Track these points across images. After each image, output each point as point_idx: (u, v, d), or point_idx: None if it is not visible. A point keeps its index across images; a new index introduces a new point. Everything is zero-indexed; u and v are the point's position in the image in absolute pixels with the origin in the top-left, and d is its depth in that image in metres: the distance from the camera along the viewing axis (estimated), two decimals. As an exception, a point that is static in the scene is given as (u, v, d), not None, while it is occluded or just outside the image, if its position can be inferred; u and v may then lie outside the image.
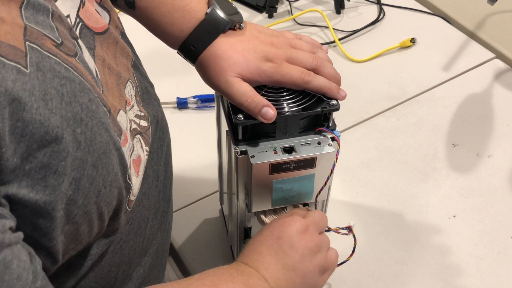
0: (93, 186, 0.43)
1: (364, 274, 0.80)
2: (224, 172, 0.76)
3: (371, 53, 1.11)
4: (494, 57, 1.10)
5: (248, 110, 0.58)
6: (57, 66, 0.40)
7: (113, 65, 0.54)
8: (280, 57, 0.60)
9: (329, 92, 0.61)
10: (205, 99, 1.02)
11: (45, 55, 0.39)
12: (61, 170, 0.39)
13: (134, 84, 0.59)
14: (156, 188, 0.62)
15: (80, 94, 0.42)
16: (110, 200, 0.47)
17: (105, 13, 0.56)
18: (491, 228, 0.84)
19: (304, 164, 0.61)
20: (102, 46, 0.53)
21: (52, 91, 0.39)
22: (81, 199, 0.42)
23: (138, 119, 0.58)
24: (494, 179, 0.90)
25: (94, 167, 0.43)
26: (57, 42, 0.42)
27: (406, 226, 0.85)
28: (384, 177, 0.91)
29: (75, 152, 0.40)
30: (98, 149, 0.43)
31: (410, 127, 0.99)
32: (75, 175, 0.41)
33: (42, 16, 0.42)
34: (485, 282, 0.78)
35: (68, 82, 0.41)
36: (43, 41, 0.40)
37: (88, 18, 0.52)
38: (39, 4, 0.42)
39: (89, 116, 0.42)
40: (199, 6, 0.60)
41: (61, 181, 0.39)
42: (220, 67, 0.58)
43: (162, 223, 0.66)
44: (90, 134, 0.42)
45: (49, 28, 0.42)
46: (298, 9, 1.20)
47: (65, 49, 0.43)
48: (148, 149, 0.58)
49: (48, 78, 0.39)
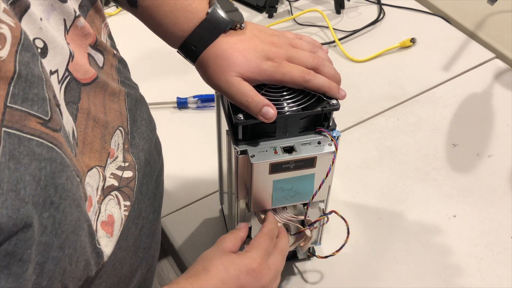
0: (58, 267, 0.42)
1: (364, 274, 0.80)
2: (224, 172, 0.76)
3: (371, 53, 1.11)
4: (494, 57, 1.10)
5: (249, 110, 0.58)
6: (38, 148, 0.38)
7: (100, 116, 0.53)
8: (281, 56, 0.60)
9: (329, 91, 0.61)
10: (205, 99, 1.02)
11: (24, 139, 0.38)
12: (26, 258, 0.38)
13: (124, 131, 0.57)
14: (136, 226, 0.59)
15: (59, 174, 0.40)
16: (75, 275, 0.45)
17: (99, 55, 0.55)
18: (491, 228, 0.84)
19: (304, 163, 0.61)
20: (89, 96, 0.52)
21: (26, 177, 0.37)
22: (45, 281, 0.41)
23: (121, 171, 0.56)
24: (494, 179, 0.90)
25: (61, 249, 0.41)
26: (45, 118, 0.40)
27: (406, 226, 0.85)
28: (384, 177, 0.91)
29: (40, 237, 0.39)
30: (66, 230, 0.42)
31: (410, 127, 0.99)
32: (39, 260, 0.39)
33: (36, 89, 0.39)
34: (485, 282, 0.78)
35: (48, 164, 0.39)
36: (26, 122, 0.38)
37: (77, 71, 0.50)
38: (33, 76, 0.39)
39: (63, 197, 0.41)
40: (201, 6, 0.59)
41: (25, 269, 0.38)
42: (220, 67, 0.58)
43: (144, 259, 0.63)
44: (60, 217, 0.40)
45: (40, 102, 0.40)
46: (298, 9, 1.20)
47: (52, 125, 0.41)
48: (128, 204, 0.56)
49: (23, 164, 0.37)
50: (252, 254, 0.60)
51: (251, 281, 0.58)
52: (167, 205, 0.88)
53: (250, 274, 0.58)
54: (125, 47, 0.65)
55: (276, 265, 0.62)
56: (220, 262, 0.58)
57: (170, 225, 0.86)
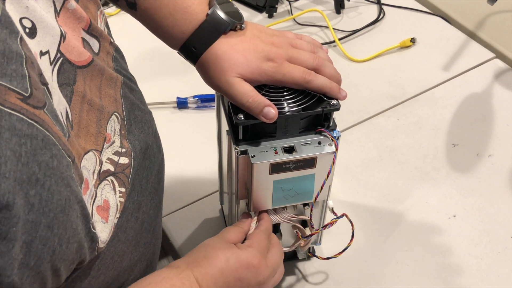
0: (47, 247, 0.41)
1: (364, 274, 0.80)
2: (224, 172, 0.76)
3: (371, 53, 1.11)
4: (494, 57, 1.10)
5: (250, 110, 0.58)
6: (18, 123, 0.38)
7: (95, 100, 0.53)
8: (281, 57, 0.60)
9: (330, 91, 0.61)
10: (205, 99, 1.02)
11: (5, 113, 0.37)
12: (12, 236, 0.37)
13: (120, 117, 0.57)
14: (136, 220, 0.59)
15: (41, 151, 0.40)
16: (67, 257, 0.45)
17: (94, 41, 0.55)
18: (491, 228, 0.84)
19: (305, 164, 0.61)
20: (85, 79, 0.52)
21: (7, 152, 0.37)
22: (33, 261, 0.40)
23: (118, 156, 0.56)
24: (494, 179, 0.90)
25: (49, 228, 0.41)
26: (24, 94, 0.40)
27: (406, 226, 0.85)
28: (384, 177, 0.91)
29: (27, 215, 0.38)
30: (54, 208, 0.41)
31: (410, 127, 0.99)
32: (26, 238, 0.39)
33: (14, 65, 0.39)
34: (485, 282, 0.78)
35: (29, 140, 0.39)
36: (6, 97, 0.38)
37: (70, 52, 0.50)
38: (11, 52, 0.39)
39: (48, 175, 0.40)
40: (200, 7, 0.59)
41: (11, 247, 0.38)
42: (221, 68, 0.58)
43: (144, 255, 0.63)
44: (46, 194, 0.40)
45: (19, 78, 0.40)
46: (298, 9, 1.20)
47: (33, 101, 0.40)
48: (124, 190, 0.56)
49: (4, 138, 0.37)
50: (253, 250, 0.61)
51: (249, 275, 0.59)
52: (167, 205, 0.88)
53: (249, 269, 0.59)
54: (125, 47, 0.65)
55: (274, 261, 0.63)
56: (222, 252, 0.59)
57: (170, 225, 0.86)
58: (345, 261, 0.79)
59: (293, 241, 0.73)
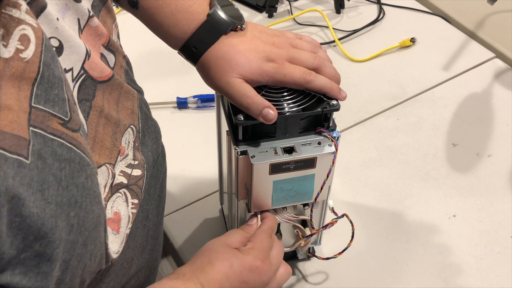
0: (81, 263, 0.43)
1: (364, 274, 0.80)
2: (224, 172, 0.76)
3: (371, 53, 1.11)
4: (494, 57, 1.10)
5: (249, 111, 0.58)
6: (59, 148, 0.39)
7: (113, 114, 0.53)
8: (282, 57, 0.60)
9: (330, 92, 0.61)
10: (205, 99, 1.02)
11: (48, 139, 0.38)
12: (54, 257, 0.38)
13: (136, 129, 0.58)
14: (144, 227, 0.60)
15: (78, 174, 0.41)
16: (93, 269, 0.46)
17: (111, 56, 0.56)
18: (491, 228, 0.84)
19: (304, 164, 0.61)
20: (104, 94, 0.52)
21: (50, 178, 0.38)
22: (68, 277, 0.41)
23: (131, 169, 0.56)
24: (494, 179, 0.91)
25: (84, 245, 0.42)
26: (65, 119, 0.41)
27: (406, 226, 0.85)
28: (384, 177, 0.91)
29: (67, 236, 0.40)
30: (89, 226, 0.42)
31: (410, 127, 0.99)
32: (65, 258, 0.40)
33: (56, 89, 0.40)
34: (485, 282, 0.78)
35: (67, 165, 0.40)
36: (48, 123, 0.39)
37: (93, 69, 0.50)
38: (54, 77, 0.40)
39: (84, 196, 0.41)
40: (201, 7, 0.59)
41: (53, 268, 0.39)
42: (222, 69, 0.58)
43: (148, 261, 0.64)
44: (83, 215, 0.41)
45: (60, 103, 0.40)
46: (298, 9, 1.20)
47: (72, 125, 0.41)
48: (136, 202, 0.56)
49: (48, 165, 0.38)
50: (255, 251, 0.61)
51: (254, 277, 0.59)
52: (167, 205, 0.87)
53: (253, 271, 0.59)
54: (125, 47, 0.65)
55: (277, 258, 0.63)
56: (226, 257, 0.59)
57: (170, 225, 0.86)
58: (345, 261, 0.79)
59: (293, 241, 0.73)
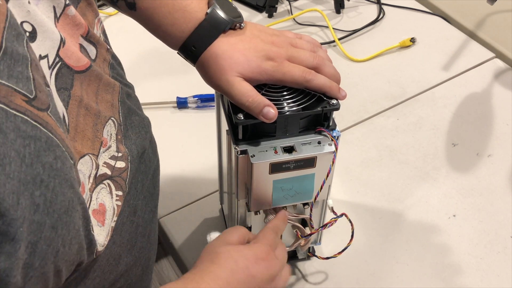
0: (51, 248, 0.42)
1: (364, 274, 0.80)
2: (224, 171, 0.76)
3: (371, 53, 1.11)
4: (494, 57, 1.10)
5: (249, 110, 0.58)
6: (23, 124, 0.39)
7: (92, 105, 0.53)
8: (281, 56, 0.60)
9: (330, 91, 0.61)
10: (205, 99, 1.02)
11: (11, 114, 0.38)
12: (18, 237, 0.38)
13: (117, 122, 0.57)
14: (132, 223, 0.59)
15: (45, 153, 0.40)
16: (68, 258, 0.45)
17: (91, 47, 0.55)
18: (491, 228, 0.84)
19: (304, 163, 0.61)
20: (82, 84, 0.52)
21: (12, 153, 0.37)
22: (37, 261, 0.41)
23: (114, 160, 0.56)
24: (494, 179, 0.90)
25: (53, 229, 0.41)
26: (29, 96, 0.40)
27: (406, 226, 0.85)
28: (384, 177, 0.91)
29: (32, 215, 0.39)
30: (58, 209, 0.41)
31: (410, 127, 0.99)
32: (31, 239, 0.39)
33: (20, 67, 0.40)
34: (485, 281, 0.78)
35: (32, 142, 0.39)
36: (12, 98, 0.38)
37: (69, 57, 0.50)
38: (18, 54, 0.40)
39: (52, 176, 0.41)
40: (199, 6, 0.59)
41: (18, 248, 0.38)
42: (221, 67, 0.58)
43: (139, 259, 0.63)
44: (50, 195, 0.40)
45: (24, 80, 0.40)
46: (298, 9, 1.20)
47: (37, 104, 0.41)
48: (121, 194, 0.56)
49: (10, 139, 0.37)
50: (258, 245, 0.60)
51: (261, 269, 0.58)
52: (167, 205, 0.88)
53: (259, 263, 0.58)
54: (125, 47, 0.65)
55: (282, 256, 0.63)
56: (228, 253, 0.58)
57: (170, 225, 0.86)
58: (345, 261, 0.79)
59: (293, 240, 0.73)
